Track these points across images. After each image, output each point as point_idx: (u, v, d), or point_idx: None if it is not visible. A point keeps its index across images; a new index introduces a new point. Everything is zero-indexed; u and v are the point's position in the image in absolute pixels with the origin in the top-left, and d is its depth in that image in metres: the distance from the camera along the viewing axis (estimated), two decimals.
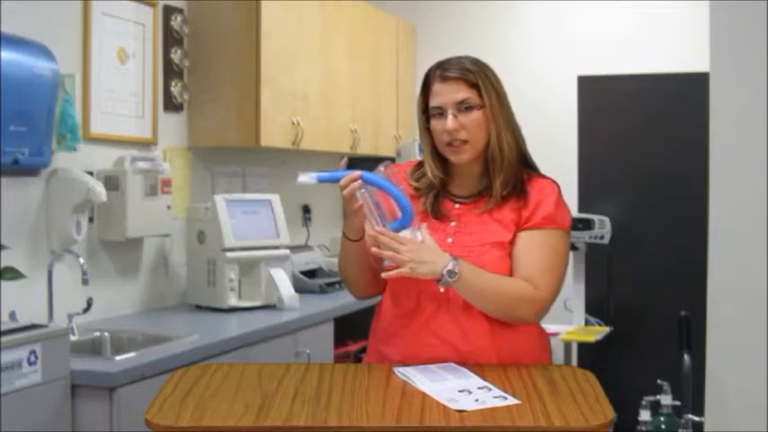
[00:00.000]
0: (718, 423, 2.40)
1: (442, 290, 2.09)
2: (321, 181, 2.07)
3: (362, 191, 2.06)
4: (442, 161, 2.19)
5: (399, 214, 2.06)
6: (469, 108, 2.11)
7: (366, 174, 2.06)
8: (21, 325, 2.44)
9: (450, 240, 2.14)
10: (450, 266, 2.01)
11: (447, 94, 2.12)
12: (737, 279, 2.37)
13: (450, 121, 2.10)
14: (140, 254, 3.58)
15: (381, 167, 2.10)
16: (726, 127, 2.37)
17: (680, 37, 4.86)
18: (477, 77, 2.12)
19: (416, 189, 2.20)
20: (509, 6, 5.34)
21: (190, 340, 2.95)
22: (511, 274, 2.12)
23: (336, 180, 2.07)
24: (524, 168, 2.20)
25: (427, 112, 2.16)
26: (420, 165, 2.24)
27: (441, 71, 2.15)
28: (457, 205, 2.20)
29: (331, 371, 2.05)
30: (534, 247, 2.12)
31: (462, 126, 2.11)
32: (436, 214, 2.18)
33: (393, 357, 2.14)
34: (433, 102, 2.14)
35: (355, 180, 2.05)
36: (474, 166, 2.18)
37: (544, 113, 5.05)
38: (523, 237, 2.13)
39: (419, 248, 2.03)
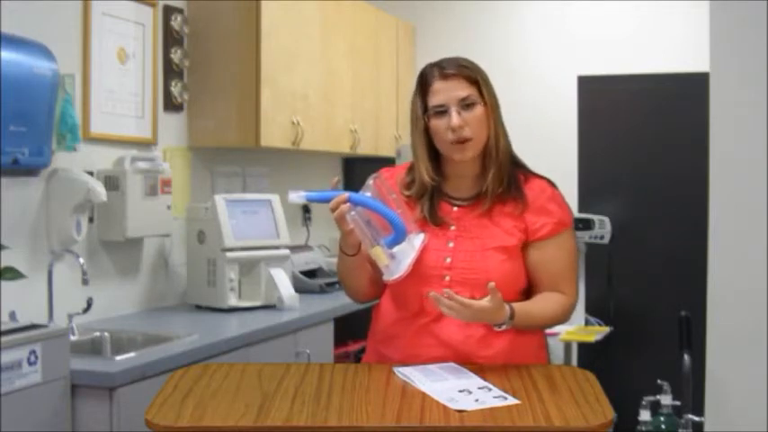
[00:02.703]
0: (718, 423, 2.40)
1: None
2: (310, 200, 2.09)
3: (352, 213, 2.05)
4: (435, 163, 2.17)
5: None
6: (471, 105, 2.10)
7: (354, 195, 2.06)
8: (21, 325, 2.44)
9: (451, 245, 2.13)
10: (505, 323, 2.04)
11: (449, 91, 2.10)
12: (737, 279, 2.38)
13: (454, 118, 2.08)
14: (140, 254, 3.58)
15: (370, 181, 2.09)
16: (726, 127, 2.37)
17: (680, 37, 4.86)
18: (477, 74, 2.12)
19: (409, 197, 2.18)
20: (509, 6, 5.34)
21: (190, 340, 2.94)
22: (516, 278, 2.13)
23: (325, 200, 2.08)
24: (518, 169, 2.19)
25: (426, 113, 2.14)
26: (410, 169, 2.22)
27: (439, 69, 2.12)
28: (455, 208, 2.17)
29: (331, 371, 2.05)
30: (554, 256, 2.13)
31: (466, 122, 2.09)
32: (435, 220, 2.15)
33: (393, 358, 2.13)
34: (434, 100, 2.11)
35: (343, 202, 2.05)
36: (471, 167, 2.16)
37: (544, 113, 5.05)
38: (541, 247, 2.13)
39: (483, 311, 1.99)
